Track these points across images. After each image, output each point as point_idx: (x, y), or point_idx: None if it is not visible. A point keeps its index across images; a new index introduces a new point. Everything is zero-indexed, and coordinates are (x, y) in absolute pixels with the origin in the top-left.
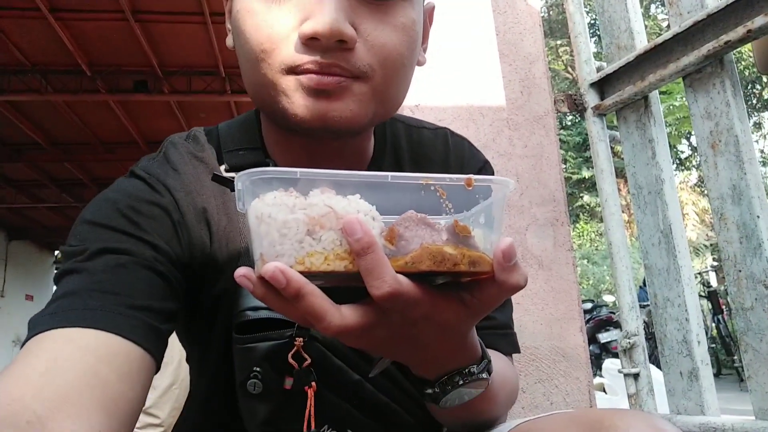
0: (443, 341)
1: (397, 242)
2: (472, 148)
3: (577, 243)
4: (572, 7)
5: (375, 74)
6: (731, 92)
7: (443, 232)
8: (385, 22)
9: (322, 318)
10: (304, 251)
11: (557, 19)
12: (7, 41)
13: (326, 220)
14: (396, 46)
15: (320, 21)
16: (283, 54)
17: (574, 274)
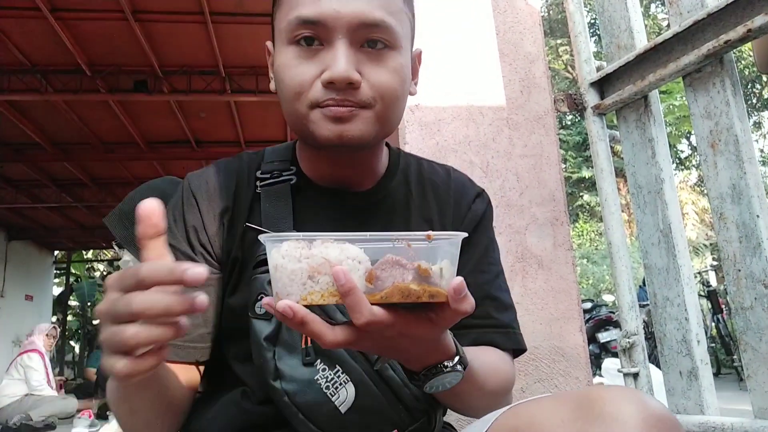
0: (418, 347)
1: (374, 282)
2: (471, 180)
3: (576, 242)
4: (572, 6)
5: (376, 104)
6: (731, 91)
7: (410, 272)
8: (381, 66)
9: (320, 336)
10: (306, 291)
11: (557, 19)
12: (7, 41)
13: (322, 267)
14: (390, 83)
15: (335, 71)
16: (310, 95)
17: (573, 273)
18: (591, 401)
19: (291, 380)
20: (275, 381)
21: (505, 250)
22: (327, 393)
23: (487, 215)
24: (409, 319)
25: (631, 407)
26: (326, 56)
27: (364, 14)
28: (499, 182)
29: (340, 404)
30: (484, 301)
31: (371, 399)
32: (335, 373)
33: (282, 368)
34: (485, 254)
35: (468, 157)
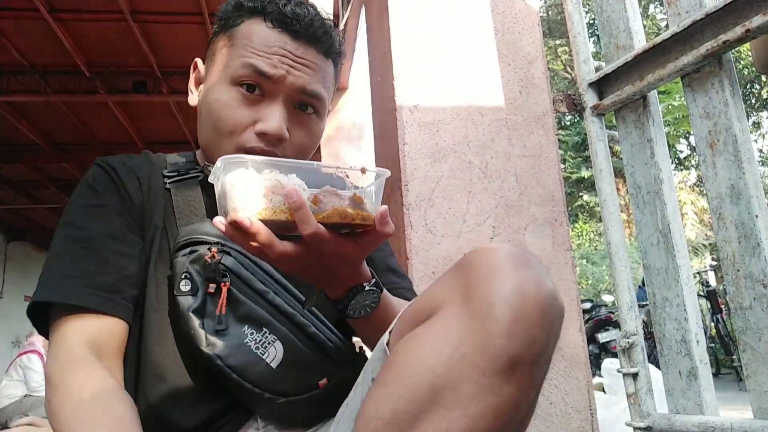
0: (344, 267)
1: (318, 204)
2: None
3: (576, 243)
4: (571, 6)
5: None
6: (730, 92)
7: (347, 199)
8: (304, 129)
9: (271, 246)
10: (261, 207)
11: (556, 19)
12: (6, 42)
13: (275, 188)
14: (309, 145)
15: (271, 125)
16: (241, 138)
17: (573, 273)
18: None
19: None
20: (206, 347)
21: None
22: (257, 352)
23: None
24: (342, 240)
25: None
26: (264, 109)
27: (308, 85)
28: (498, 182)
29: (271, 360)
30: (386, 273)
31: (299, 354)
32: (262, 334)
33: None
34: None
35: (467, 157)
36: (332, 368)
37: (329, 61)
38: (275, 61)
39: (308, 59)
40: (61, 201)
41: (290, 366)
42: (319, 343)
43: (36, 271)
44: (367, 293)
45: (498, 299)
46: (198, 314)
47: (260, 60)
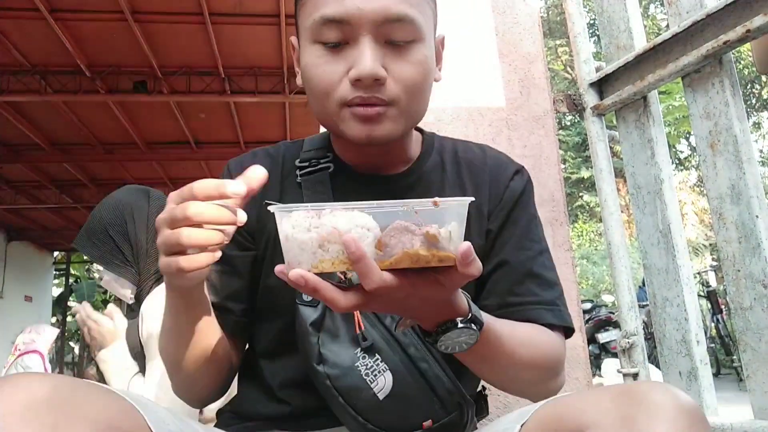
0: (429, 306)
1: (384, 248)
2: (509, 157)
3: (576, 243)
4: (571, 7)
5: (401, 100)
6: (730, 92)
7: (419, 238)
8: (405, 60)
9: (333, 302)
10: (317, 259)
11: (556, 20)
12: (6, 42)
13: (332, 236)
14: (415, 78)
15: (362, 69)
16: (339, 93)
17: (573, 273)
18: (631, 391)
19: (333, 365)
20: (318, 365)
21: None
22: (366, 379)
23: (526, 192)
24: (416, 281)
25: (668, 397)
26: (352, 54)
27: (387, 9)
28: None
29: (378, 391)
30: (525, 279)
31: (408, 388)
32: (374, 361)
33: (325, 353)
34: (527, 231)
35: None
36: (438, 409)
37: None
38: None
39: None
40: (61, 201)
41: (397, 400)
42: (429, 380)
43: (36, 271)
44: (461, 330)
45: None
46: (315, 328)
47: (327, 6)
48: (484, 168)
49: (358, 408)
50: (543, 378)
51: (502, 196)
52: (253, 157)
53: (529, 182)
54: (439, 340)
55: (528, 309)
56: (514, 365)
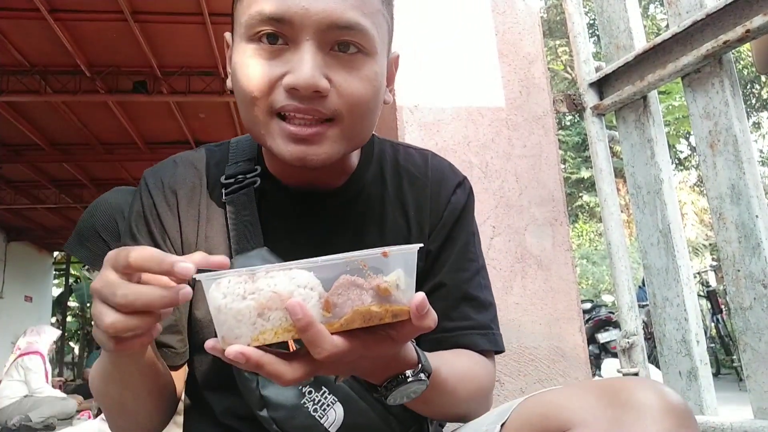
0: (378, 363)
1: (332, 309)
2: (452, 167)
3: (576, 243)
4: (571, 7)
5: (344, 118)
6: (730, 92)
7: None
8: (352, 74)
9: (279, 377)
10: (257, 331)
11: (556, 20)
12: (6, 42)
13: (272, 302)
14: (362, 94)
15: (300, 76)
16: (270, 99)
17: (573, 274)
18: (617, 390)
19: (277, 407)
20: (261, 411)
21: (504, 250)
22: (315, 416)
23: (467, 207)
24: (368, 342)
25: (656, 397)
26: (291, 57)
27: (336, 14)
28: (499, 182)
29: (330, 425)
30: (461, 302)
31: (360, 416)
32: (321, 394)
33: (267, 395)
34: (465, 250)
35: (467, 157)
36: (396, 427)
37: None
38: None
39: None
40: (61, 201)
41: (351, 430)
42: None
43: (36, 271)
44: (411, 383)
45: None
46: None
47: (268, 2)
48: (426, 181)
49: None
50: (476, 408)
51: (443, 213)
52: (174, 167)
53: (470, 196)
54: (388, 396)
55: (463, 335)
56: (454, 402)
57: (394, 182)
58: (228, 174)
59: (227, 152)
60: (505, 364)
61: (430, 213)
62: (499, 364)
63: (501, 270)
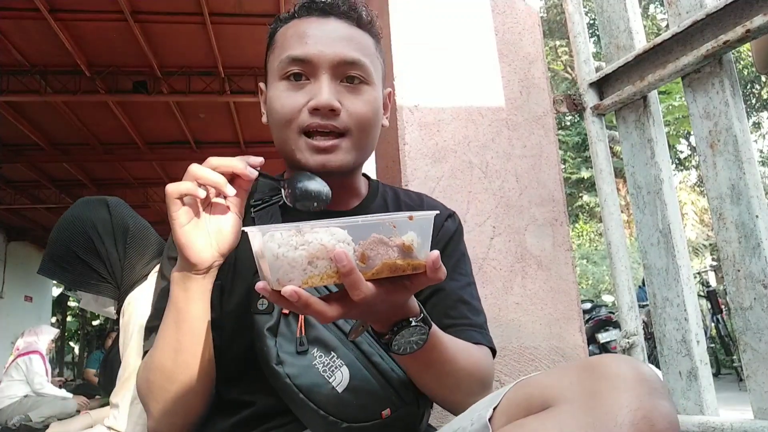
0: (391, 308)
1: (366, 261)
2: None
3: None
4: (571, 7)
5: (353, 132)
6: (730, 92)
7: (396, 249)
8: (357, 97)
9: (322, 314)
10: (306, 275)
11: (556, 20)
12: (6, 42)
13: (320, 252)
14: (365, 113)
15: (320, 99)
16: (299, 121)
17: (573, 274)
18: (594, 365)
19: (291, 365)
20: (278, 366)
21: (504, 250)
22: (324, 375)
23: (458, 232)
24: (390, 289)
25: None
26: (312, 88)
27: (344, 54)
28: (499, 183)
29: (337, 384)
30: (458, 304)
31: (364, 381)
32: (330, 358)
33: (283, 356)
34: (457, 265)
35: (467, 157)
36: (395, 399)
37: (364, 33)
38: (308, 42)
39: (339, 33)
40: (62, 201)
41: (355, 392)
42: (383, 372)
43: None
44: (414, 329)
45: (626, 420)
46: (272, 332)
47: (294, 48)
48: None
49: (319, 402)
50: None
51: (437, 235)
52: None
53: (460, 225)
54: (393, 340)
55: (461, 330)
56: (454, 372)
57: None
58: (256, 199)
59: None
60: (505, 364)
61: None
62: (499, 364)
63: (501, 270)
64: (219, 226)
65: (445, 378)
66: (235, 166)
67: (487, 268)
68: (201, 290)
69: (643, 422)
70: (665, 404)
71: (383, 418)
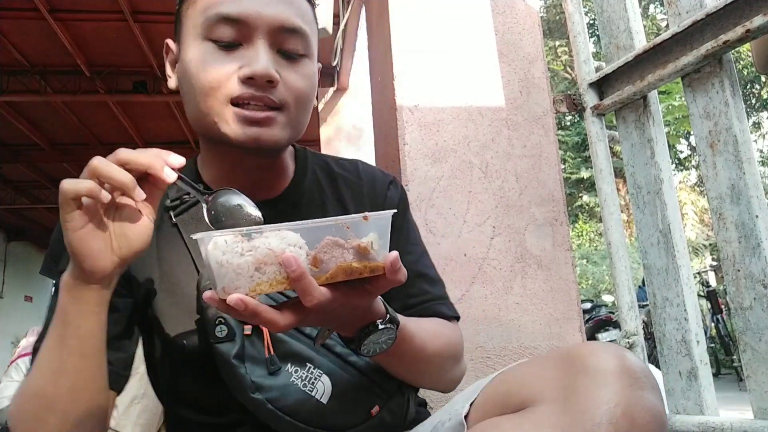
0: (353, 313)
1: (320, 265)
2: (381, 170)
3: (576, 243)
4: (571, 7)
5: (291, 107)
6: (730, 92)
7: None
8: (296, 72)
9: (273, 323)
10: (254, 282)
11: (556, 20)
12: (6, 42)
13: (268, 258)
14: (304, 88)
15: (257, 67)
16: (227, 89)
17: (573, 273)
18: (573, 357)
19: (269, 389)
20: (255, 394)
21: (504, 250)
22: (305, 390)
23: (402, 200)
24: (348, 293)
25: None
26: (246, 54)
27: (285, 18)
28: (499, 182)
29: (320, 396)
30: (416, 280)
31: (347, 385)
32: (307, 370)
33: (257, 380)
34: (407, 236)
35: (467, 157)
36: (381, 393)
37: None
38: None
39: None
40: None
41: (340, 398)
42: (362, 371)
43: (36, 271)
44: (381, 332)
45: (604, 419)
46: (239, 359)
47: (224, 5)
48: (360, 183)
49: (307, 420)
50: (448, 366)
51: (381, 207)
52: None
53: (403, 191)
54: (363, 345)
55: (425, 307)
56: (425, 358)
57: (331, 187)
58: (172, 197)
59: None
60: (504, 364)
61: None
62: (498, 364)
63: (501, 270)
64: (123, 230)
65: (417, 365)
66: (149, 165)
67: (487, 268)
68: (96, 302)
69: (623, 419)
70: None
71: (373, 416)
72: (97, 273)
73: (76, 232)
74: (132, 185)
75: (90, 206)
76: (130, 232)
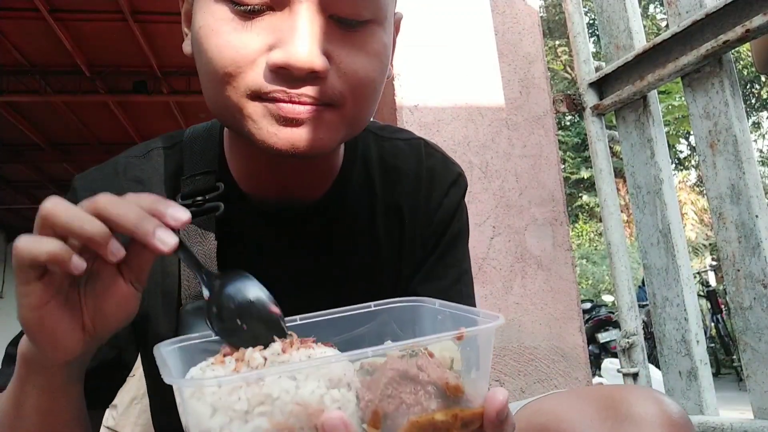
0: None
1: (382, 424)
2: (446, 160)
3: (576, 243)
4: (571, 7)
5: (346, 102)
6: (730, 92)
7: (433, 393)
8: (358, 48)
9: None
10: None
11: (556, 20)
12: (6, 42)
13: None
14: (368, 73)
15: (293, 52)
16: (248, 79)
17: (573, 274)
18: (616, 402)
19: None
20: None
21: (504, 250)
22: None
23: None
24: None
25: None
26: (279, 25)
27: None
28: (499, 182)
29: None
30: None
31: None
32: None
33: None
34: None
35: (467, 157)
36: None
37: None
38: None
39: None
40: None
41: None
42: None
43: None
44: None
45: None
46: None
47: None
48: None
49: None
50: None
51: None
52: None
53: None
54: None
55: None
56: None
57: (385, 187)
58: (184, 193)
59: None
60: (505, 363)
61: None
62: (498, 363)
63: (501, 270)
64: (98, 303)
65: None
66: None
67: (487, 268)
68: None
69: None
70: None
71: None
72: (60, 357)
73: (34, 311)
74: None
75: (56, 276)
76: (107, 307)
